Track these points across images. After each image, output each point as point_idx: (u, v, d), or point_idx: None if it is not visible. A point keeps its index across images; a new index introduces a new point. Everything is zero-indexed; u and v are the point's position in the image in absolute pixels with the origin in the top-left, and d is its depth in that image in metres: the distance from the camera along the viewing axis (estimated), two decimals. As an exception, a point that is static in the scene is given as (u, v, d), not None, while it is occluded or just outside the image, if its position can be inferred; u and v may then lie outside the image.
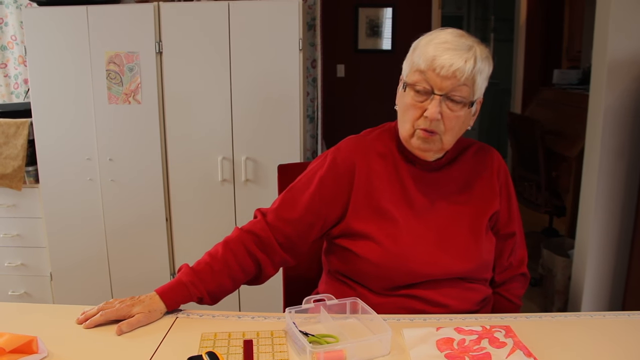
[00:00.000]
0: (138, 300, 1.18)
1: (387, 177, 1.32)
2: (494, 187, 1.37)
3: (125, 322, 1.13)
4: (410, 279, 1.27)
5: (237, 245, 1.29)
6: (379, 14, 4.94)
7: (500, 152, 1.43)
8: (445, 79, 1.19)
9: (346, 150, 1.35)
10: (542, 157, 3.56)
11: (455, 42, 1.21)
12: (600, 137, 2.42)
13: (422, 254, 1.27)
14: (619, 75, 2.37)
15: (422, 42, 1.26)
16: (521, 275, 1.46)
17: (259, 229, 1.30)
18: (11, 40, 3.23)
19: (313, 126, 3.20)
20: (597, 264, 2.54)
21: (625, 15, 2.32)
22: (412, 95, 1.25)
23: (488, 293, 1.37)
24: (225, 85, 2.70)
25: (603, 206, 2.47)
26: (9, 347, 0.99)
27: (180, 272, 1.26)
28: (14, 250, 2.95)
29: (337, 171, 1.32)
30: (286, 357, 1.05)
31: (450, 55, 1.19)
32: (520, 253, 1.45)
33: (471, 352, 1.05)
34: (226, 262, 1.27)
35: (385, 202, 1.30)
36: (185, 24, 2.67)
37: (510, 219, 1.40)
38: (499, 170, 1.39)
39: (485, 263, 1.33)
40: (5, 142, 2.81)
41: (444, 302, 1.27)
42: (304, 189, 1.33)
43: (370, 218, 1.29)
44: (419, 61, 1.23)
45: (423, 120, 1.23)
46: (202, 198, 2.82)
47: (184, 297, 1.23)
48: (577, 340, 1.12)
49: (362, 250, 1.28)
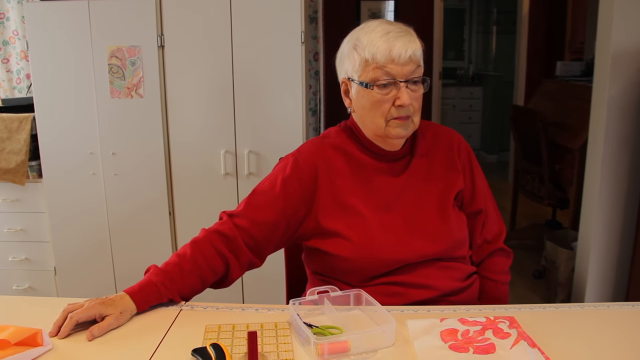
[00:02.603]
0: (107, 300, 1.14)
1: (349, 173, 1.35)
2: (457, 166, 1.40)
3: (95, 327, 1.09)
4: (384, 267, 1.29)
5: (205, 245, 1.29)
6: (381, 7, 4.92)
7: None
8: (404, 65, 1.24)
9: (307, 152, 1.37)
10: (545, 149, 3.56)
11: (395, 29, 1.26)
12: (603, 129, 2.41)
13: (392, 241, 1.29)
14: (622, 66, 2.36)
15: (362, 41, 1.27)
16: (500, 251, 1.45)
17: (227, 228, 1.31)
18: (13, 35, 3.23)
19: (315, 119, 3.20)
20: (600, 256, 2.54)
21: (629, 6, 2.31)
22: (377, 92, 1.27)
23: (471, 270, 1.39)
24: (227, 78, 2.69)
25: (606, 198, 2.47)
26: (14, 340, 0.99)
27: (149, 273, 1.24)
28: (17, 245, 2.96)
29: (300, 172, 1.34)
30: (290, 349, 1.05)
31: (402, 43, 1.24)
32: (495, 228, 1.45)
33: (475, 342, 1.05)
34: (195, 262, 1.27)
35: (350, 197, 1.32)
36: (187, 17, 2.66)
37: (474, 197, 1.41)
38: (460, 149, 1.42)
39: (457, 241, 1.35)
40: (9, 136, 2.81)
41: (425, 283, 1.29)
42: (268, 190, 1.34)
43: (337, 215, 1.31)
44: (374, 57, 1.24)
45: (396, 110, 1.27)
46: (205, 191, 2.82)
47: (155, 298, 1.21)
48: (581, 331, 1.12)
49: (333, 248, 1.30)
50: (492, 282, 1.43)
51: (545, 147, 3.55)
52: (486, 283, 1.43)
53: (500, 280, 1.44)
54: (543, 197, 3.73)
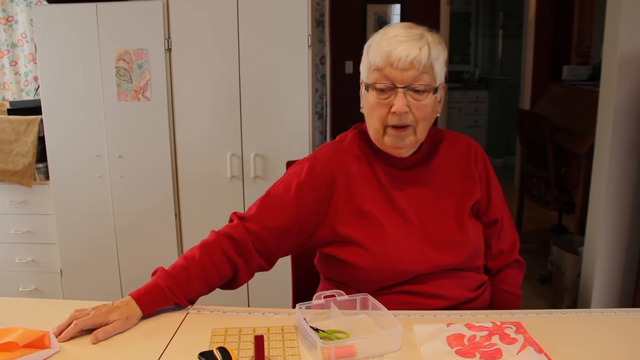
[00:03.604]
0: (114, 307, 1.14)
1: (366, 180, 1.32)
2: (473, 176, 1.36)
3: (100, 330, 1.09)
4: (400, 278, 1.27)
5: (214, 249, 1.27)
6: (388, 11, 4.92)
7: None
8: (404, 71, 1.21)
9: (323, 158, 1.34)
10: (551, 153, 3.55)
11: (405, 33, 1.23)
12: (610, 134, 2.40)
13: (410, 252, 1.27)
14: (629, 70, 2.35)
15: (374, 41, 1.27)
16: (515, 262, 1.44)
17: (237, 232, 1.28)
18: (21, 37, 3.25)
19: (322, 123, 3.21)
20: (607, 261, 2.53)
21: (636, 10, 2.30)
22: (375, 95, 1.25)
23: (483, 280, 1.37)
24: (234, 81, 2.70)
25: (613, 203, 2.46)
26: (22, 342, 1.00)
27: (156, 276, 1.22)
28: (24, 247, 2.98)
29: (316, 179, 1.31)
30: (297, 353, 1.05)
31: (404, 47, 1.20)
32: (510, 238, 1.44)
33: (482, 348, 1.05)
34: (203, 267, 1.25)
35: (367, 204, 1.29)
36: (194, 20, 2.67)
37: (490, 206, 1.38)
38: (477, 157, 1.38)
39: (474, 252, 1.33)
40: (16, 139, 2.82)
41: (438, 293, 1.27)
42: (282, 195, 1.31)
43: (355, 223, 1.29)
44: (375, 60, 1.24)
45: (392, 117, 1.24)
46: (211, 194, 2.83)
47: (161, 302, 1.20)
48: (588, 337, 1.11)
49: (350, 256, 1.28)
50: (509, 295, 1.41)
51: (551, 151, 3.54)
52: (503, 295, 1.41)
53: (516, 294, 1.42)
54: (549, 202, 3.72)
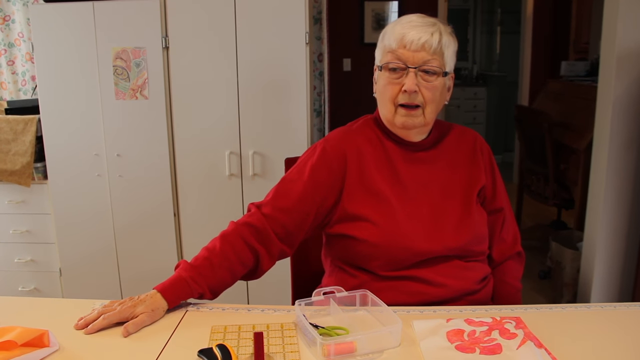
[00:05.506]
0: (139, 301, 1.16)
1: (376, 160, 1.37)
2: (479, 164, 1.43)
3: (130, 323, 1.11)
4: (409, 256, 1.29)
5: (235, 238, 1.29)
6: (385, 8, 4.92)
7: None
8: (416, 52, 1.28)
9: (335, 139, 1.40)
10: (550, 149, 3.55)
11: (419, 20, 1.32)
12: (609, 129, 2.40)
13: (418, 230, 1.30)
14: (628, 66, 2.35)
15: (389, 27, 1.35)
16: (517, 255, 1.49)
17: (256, 220, 1.31)
18: (18, 37, 3.24)
19: (320, 120, 3.20)
20: (606, 256, 2.53)
21: (634, 6, 2.30)
22: (387, 75, 1.32)
23: (487, 272, 1.40)
24: (232, 79, 2.70)
25: (612, 198, 2.46)
26: (21, 341, 1.00)
27: (179, 268, 1.24)
28: (23, 246, 2.97)
29: (329, 159, 1.35)
30: (296, 349, 1.05)
31: (417, 31, 1.28)
32: (512, 229, 1.49)
33: (482, 343, 1.05)
34: (225, 256, 1.26)
35: (378, 183, 1.34)
36: (192, 18, 2.66)
37: (495, 195, 1.45)
38: (482, 149, 1.45)
39: (479, 235, 1.37)
40: (14, 138, 2.82)
41: (443, 282, 1.30)
42: (297, 178, 1.35)
43: (365, 200, 1.33)
44: (389, 42, 1.31)
45: (402, 96, 1.30)
46: (210, 193, 2.82)
47: (185, 293, 1.21)
48: (588, 332, 1.11)
49: (360, 232, 1.31)
50: (510, 288, 1.44)
51: (550, 147, 3.54)
52: (504, 287, 1.44)
53: (517, 287, 1.45)
54: (548, 198, 3.72)
